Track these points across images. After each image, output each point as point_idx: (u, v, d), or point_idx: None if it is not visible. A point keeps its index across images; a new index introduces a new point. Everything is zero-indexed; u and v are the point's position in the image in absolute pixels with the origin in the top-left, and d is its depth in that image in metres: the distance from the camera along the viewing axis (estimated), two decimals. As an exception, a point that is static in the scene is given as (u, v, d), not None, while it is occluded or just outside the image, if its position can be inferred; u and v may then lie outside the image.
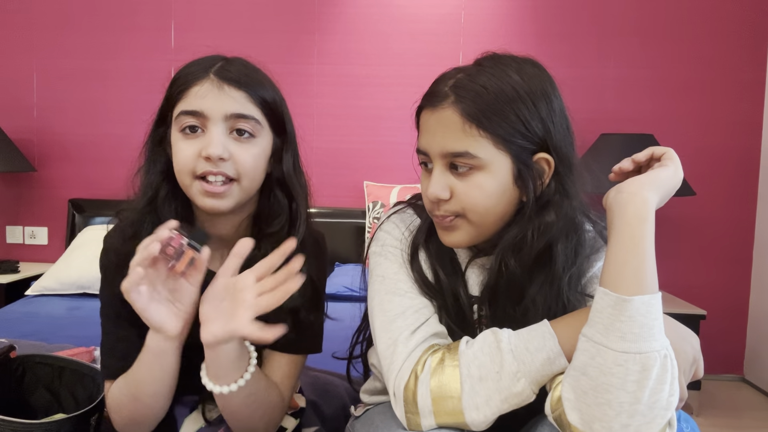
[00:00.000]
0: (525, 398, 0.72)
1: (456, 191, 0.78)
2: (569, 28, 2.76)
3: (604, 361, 0.64)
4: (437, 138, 0.77)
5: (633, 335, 0.63)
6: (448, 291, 0.83)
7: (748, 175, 2.80)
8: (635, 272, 0.66)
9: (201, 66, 0.84)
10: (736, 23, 2.75)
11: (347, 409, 1.08)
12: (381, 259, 0.86)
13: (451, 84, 0.78)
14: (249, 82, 0.83)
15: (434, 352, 0.75)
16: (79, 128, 2.86)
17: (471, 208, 0.77)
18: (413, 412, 0.74)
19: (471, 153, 0.75)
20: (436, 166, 0.79)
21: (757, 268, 2.80)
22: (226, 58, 0.87)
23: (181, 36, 2.80)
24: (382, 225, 0.90)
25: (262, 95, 0.84)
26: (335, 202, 2.83)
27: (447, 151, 0.77)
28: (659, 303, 0.66)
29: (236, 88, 0.82)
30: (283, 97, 0.90)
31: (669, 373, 0.64)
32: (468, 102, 0.75)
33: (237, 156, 0.82)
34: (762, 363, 2.73)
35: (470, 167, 0.76)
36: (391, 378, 0.76)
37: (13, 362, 0.99)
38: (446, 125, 0.76)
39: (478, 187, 0.76)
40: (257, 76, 0.86)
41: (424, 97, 0.83)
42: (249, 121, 0.82)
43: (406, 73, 2.81)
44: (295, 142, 0.91)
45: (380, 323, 0.81)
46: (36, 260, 2.91)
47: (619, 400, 0.63)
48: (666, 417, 0.64)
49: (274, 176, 0.89)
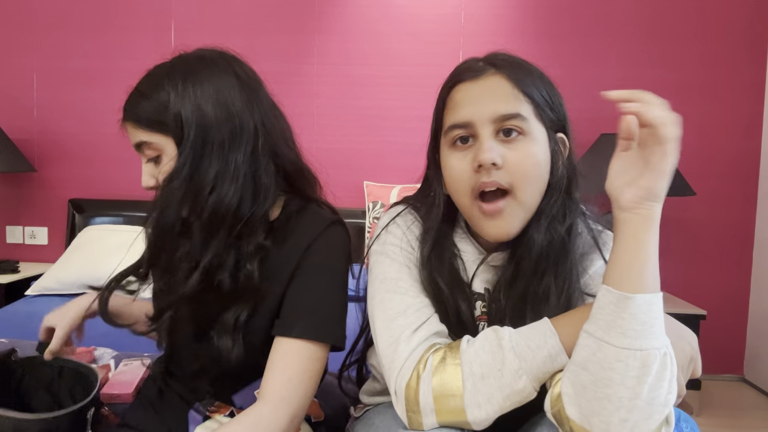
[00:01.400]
0: (527, 395, 0.72)
1: (507, 160, 0.76)
2: (569, 28, 2.76)
3: (604, 356, 0.65)
4: (486, 103, 0.77)
5: (634, 332, 0.64)
6: (453, 309, 0.82)
7: (748, 175, 2.80)
8: (639, 272, 0.66)
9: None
10: (737, 23, 2.75)
11: (347, 410, 1.08)
12: (382, 258, 0.86)
13: (486, 61, 0.82)
14: (128, 111, 0.84)
15: (436, 351, 0.75)
16: (79, 128, 2.86)
17: (522, 179, 0.76)
18: (415, 410, 0.73)
19: (522, 115, 0.76)
20: (483, 134, 0.77)
21: (757, 268, 2.80)
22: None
23: (181, 36, 2.80)
24: (383, 225, 0.90)
25: (140, 116, 0.83)
26: (335, 202, 2.78)
27: (499, 114, 0.76)
28: (660, 302, 0.66)
29: (126, 121, 0.85)
30: (192, 77, 0.85)
31: (668, 370, 0.64)
32: (509, 70, 0.79)
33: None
34: (762, 363, 2.73)
35: (519, 132, 0.77)
36: (393, 377, 0.76)
37: (14, 365, 0.99)
38: (495, 90, 0.78)
39: (530, 156, 0.77)
40: (137, 97, 0.84)
41: (454, 75, 0.83)
42: (149, 146, 0.84)
43: (407, 73, 2.81)
44: (200, 132, 0.85)
45: (381, 322, 0.80)
46: (36, 260, 2.91)
47: (618, 395, 0.63)
48: (664, 413, 0.65)
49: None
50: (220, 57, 0.87)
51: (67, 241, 2.74)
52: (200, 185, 0.80)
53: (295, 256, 0.86)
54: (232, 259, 0.83)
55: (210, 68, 0.84)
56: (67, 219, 2.80)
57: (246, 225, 0.83)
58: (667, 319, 0.74)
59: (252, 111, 0.84)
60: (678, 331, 0.76)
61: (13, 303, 2.23)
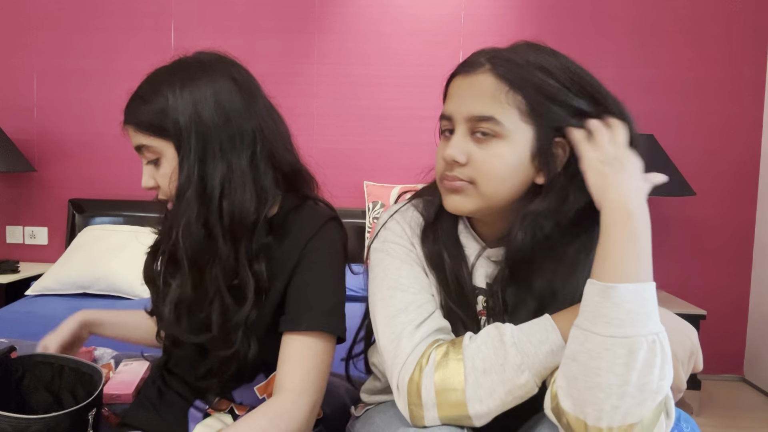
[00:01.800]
0: (528, 390, 0.72)
1: (473, 157, 0.78)
2: (569, 28, 2.76)
3: (592, 346, 0.66)
4: (466, 101, 0.79)
5: (619, 321, 0.65)
6: (452, 275, 0.83)
7: (748, 175, 2.80)
8: (620, 262, 0.67)
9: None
10: (737, 23, 2.75)
11: (347, 409, 1.08)
12: (382, 255, 0.86)
13: (488, 55, 0.80)
14: (128, 115, 0.86)
15: (438, 347, 0.75)
16: (79, 128, 2.86)
17: (484, 176, 0.78)
18: (417, 404, 0.74)
19: (496, 119, 0.76)
20: (458, 130, 0.79)
21: (757, 268, 2.80)
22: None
23: (181, 36, 2.81)
24: (383, 222, 0.90)
25: (141, 121, 0.85)
26: (335, 202, 2.78)
27: (473, 115, 0.77)
28: (650, 292, 0.67)
29: (127, 125, 0.87)
30: (189, 78, 0.86)
31: (658, 357, 0.65)
32: (504, 67, 0.77)
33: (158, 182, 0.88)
34: (762, 363, 2.73)
35: (492, 134, 0.77)
36: (395, 371, 0.76)
37: (14, 363, 0.99)
38: (477, 89, 0.78)
39: (496, 156, 0.77)
40: (137, 102, 0.86)
41: (458, 66, 0.83)
42: (149, 150, 0.86)
43: (406, 74, 2.81)
44: (198, 135, 0.87)
45: (382, 318, 0.80)
46: (36, 260, 2.92)
47: (608, 383, 0.64)
48: (657, 399, 0.65)
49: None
50: (218, 61, 0.88)
51: (67, 241, 2.74)
52: (211, 192, 0.83)
53: (295, 252, 0.88)
54: (246, 260, 0.86)
55: (208, 73, 0.85)
56: (67, 219, 2.80)
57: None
58: (666, 314, 0.75)
59: (250, 115, 0.86)
60: (677, 325, 0.76)
61: (13, 303, 2.23)
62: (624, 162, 0.73)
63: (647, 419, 0.65)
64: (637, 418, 0.64)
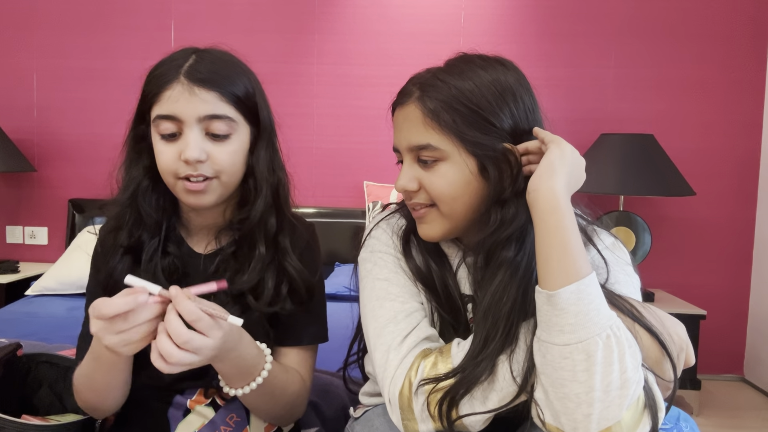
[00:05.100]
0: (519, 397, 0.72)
1: (423, 182, 0.81)
2: (569, 28, 2.76)
3: (552, 357, 0.66)
4: (403, 133, 0.82)
5: (570, 326, 0.65)
6: (440, 283, 0.84)
7: (748, 175, 2.80)
8: (558, 264, 0.67)
9: (172, 65, 0.85)
10: (736, 23, 2.75)
11: (347, 410, 1.08)
12: (370, 266, 0.87)
13: (418, 82, 0.83)
14: (219, 80, 0.84)
15: (426, 357, 0.75)
16: (79, 128, 2.86)
17: (438, 198, 0.80)
18: (409, 418, 0.74)
19: (433, 145, 0.78)
20: (405, 160, 0.83)
21: (757, 268, 2.80)
22: (198, 51, 0.88)
23: (181, 36, 2.80)
24: (370, 231, 0.91)
25: (233, 91, 0.85)
26: (335, 202, 2.83)
27: (412, 145, 0.80)
28: (591, 285, 0.66)
29: (207, 89, 0.83)
30: (258, 83, 0.92)
31: (615, 352, 0.64)
32: (429, 98, 0.79)
33: (214, 156, 0.84)
34: (762, 363, 2.73)
35: (435, 159, 0.79)
36: (386, 385, 0.76)
37: (19, 360, 0.99)
38: (410, 120, 0.81)
39: (441, 177, 0.79)
40: (227, 71, 0.87)
41: (396, 95, 0.87)
42: (223, 120, 0.84)
43: (406, 74, 2.77)
44: (269, 129, 0.93)
45: (373, 330, 0.81)
46: (36, 260, 2.92)
47: (575, 392, 0.64)
48: (625, 396, 0.64)
49: (250, 165, 0.91)
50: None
51: (67, 241, 2.75)
52: (276, 175, 0.93)
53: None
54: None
55: (248, 72, 0.92)
56: (67, 219, 2.80)
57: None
58: (653, 312, 0.75)
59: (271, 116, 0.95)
60: (664, 323, 0.76)
61: (13, 303, 2.23)
62: (555, 166, 0.72)
63: (626, 420, 0.65)
64: (612, 420, 0.64)
